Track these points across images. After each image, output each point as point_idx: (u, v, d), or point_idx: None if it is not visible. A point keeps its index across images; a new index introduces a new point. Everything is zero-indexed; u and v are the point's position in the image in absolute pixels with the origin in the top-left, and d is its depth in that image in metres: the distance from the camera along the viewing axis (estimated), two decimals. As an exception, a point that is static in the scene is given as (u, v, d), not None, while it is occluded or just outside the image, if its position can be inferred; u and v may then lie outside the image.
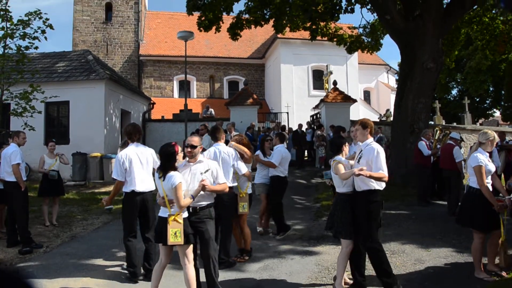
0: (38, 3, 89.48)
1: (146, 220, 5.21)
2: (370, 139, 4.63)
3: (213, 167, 4.46)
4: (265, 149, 7.30)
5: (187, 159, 4.41)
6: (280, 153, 6.95)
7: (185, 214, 4.21)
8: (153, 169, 5.19)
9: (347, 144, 4.82)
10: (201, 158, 4.44)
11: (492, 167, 4.98)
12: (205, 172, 4.33)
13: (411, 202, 9.49)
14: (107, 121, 14.20)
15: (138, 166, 5.09)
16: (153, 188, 5.14)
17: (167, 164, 4.20)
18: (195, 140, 4.41)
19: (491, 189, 4.92)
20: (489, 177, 4.96)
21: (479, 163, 4.86)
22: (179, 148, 4.33)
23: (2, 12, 9.71)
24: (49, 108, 13.76)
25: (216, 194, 4.60)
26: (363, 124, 4.64)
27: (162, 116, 21.26)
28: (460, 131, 16.76)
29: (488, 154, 5.08)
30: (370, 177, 4.31)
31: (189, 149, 4.35)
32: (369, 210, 4.47)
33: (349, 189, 4.61)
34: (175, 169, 4.20)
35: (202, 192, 4.28)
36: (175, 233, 4.04)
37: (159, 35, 29.31)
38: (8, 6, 9.82)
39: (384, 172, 4.36)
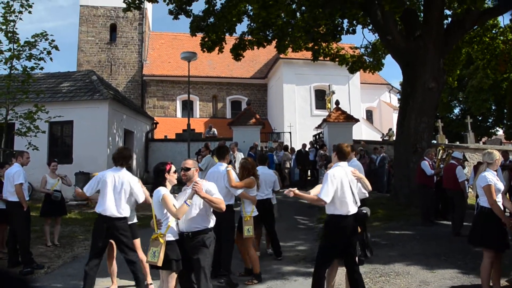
0: (45, 24, 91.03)
1: (119, 243, 5.13)
2: (336, 163, 4.69)
3: (207, 187, 4.26)
4: None
5: (187, 184, 4.36)
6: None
7: (171, 237, 4.09)
8: (133, 198, 5.18)
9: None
10: (198, 180, 4.30)
11: (501, 186, 4.99)
12: None
13: (415, 222, 9.41)
14: (110, 140, 14.25)
15: (111, 190, 5.07)
16: (125, 215, 5.13)
17: (155, 181, 4.24)
18: (188, 162, 4.37)
19: (501, 207, 4.91)
20: (499, 195, 4.95)
21: (488, 182, 4.87)
22: (172, 168, 4.28)
23: (10, 34, 9.87)
24: (52, 128, 13.84)
25: (215, 217, 4.44)
26: (333, 147, 4.81)
27: (165, 136, 21.35)
28: (463, 150, 16.72)
29: (495, 173, 5.09)
30: (296, 195, 4.40)
31: (183, 172, 4.32)
32: (328, 234, 4.61)
33: None
34: (163, 186, 4.18)
35: (195, 215, 4.16)
36: (154, 252, 3.96)
37: (163, 56, 29.65)
38: (16, 28, 10.00)
39: (320, 196, 4.36)
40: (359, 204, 4.65)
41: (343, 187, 4.45)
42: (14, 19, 9.94)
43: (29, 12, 10.07)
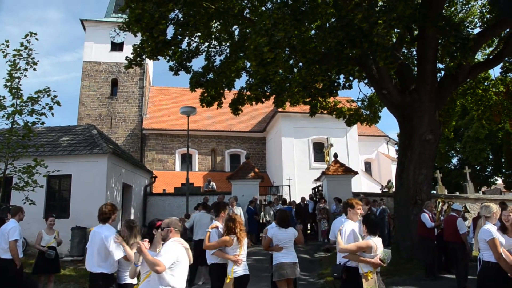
0: (48, 79, 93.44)
1: None
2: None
3: (164, 251, 4.13)
4: None
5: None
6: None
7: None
8: (109, 251, 5.06)
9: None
10: (169, 242, 4.23)
11: (502, 239, 4.88)
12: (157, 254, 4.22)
13: (419, 276, 9.17)
14: (108, 195, 14.13)
15: (89, 245, 5.28)
16: (103, 270, 5.09)
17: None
18: (164, 222, 4.41)
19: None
20: (501, 249, 4.84)
21: (493, 236, 4.77)
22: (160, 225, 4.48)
23: (14, 90, 10.06)
24: (51, 181, 13.73)
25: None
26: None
27: (164, 190, 21.21)
28: (463, 201, 16.63)
29: (495, 226, 5.01)
30: None
31: (159, 231, 4.43)
32: None
33: None
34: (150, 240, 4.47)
35: (150, 280, 4.17)
36: None
37: (162, 110, 30.14)
38: (20, 84, 10.22)
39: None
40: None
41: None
42: (19, 76, 10.18)
43: (34, 69, 10.34)
